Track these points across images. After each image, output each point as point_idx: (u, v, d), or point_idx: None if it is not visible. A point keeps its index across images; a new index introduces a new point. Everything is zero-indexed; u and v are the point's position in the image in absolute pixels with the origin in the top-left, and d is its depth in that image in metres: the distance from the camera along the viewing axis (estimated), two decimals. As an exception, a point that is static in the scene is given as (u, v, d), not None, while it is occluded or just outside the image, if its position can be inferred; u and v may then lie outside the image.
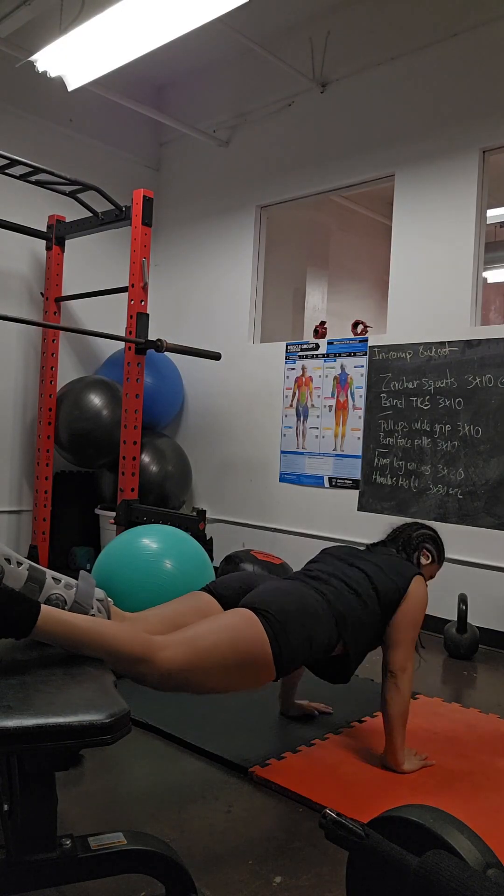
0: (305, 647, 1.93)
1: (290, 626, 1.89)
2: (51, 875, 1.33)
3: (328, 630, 2.01)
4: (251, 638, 1.83)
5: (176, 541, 3.19)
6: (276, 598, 1.95)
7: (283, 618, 1.89)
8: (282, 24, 4.54)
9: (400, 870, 1.22)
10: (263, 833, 1.83)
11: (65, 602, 1.65)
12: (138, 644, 1.64)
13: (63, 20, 3.71)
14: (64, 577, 1.69)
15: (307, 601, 2.01)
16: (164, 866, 1.40)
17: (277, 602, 1.94)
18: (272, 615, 1.88)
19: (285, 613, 1.91)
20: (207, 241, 5.14)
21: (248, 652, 1.82)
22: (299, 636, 1.90)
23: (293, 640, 1.88)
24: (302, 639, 1.91)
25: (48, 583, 1.64)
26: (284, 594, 2.00)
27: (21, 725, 1.20)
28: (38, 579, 1.63)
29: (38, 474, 4.54)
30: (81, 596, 1.69)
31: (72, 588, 1.68)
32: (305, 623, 1.94)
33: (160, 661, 1.67)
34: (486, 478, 3.67)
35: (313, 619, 1.97)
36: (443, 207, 3.92)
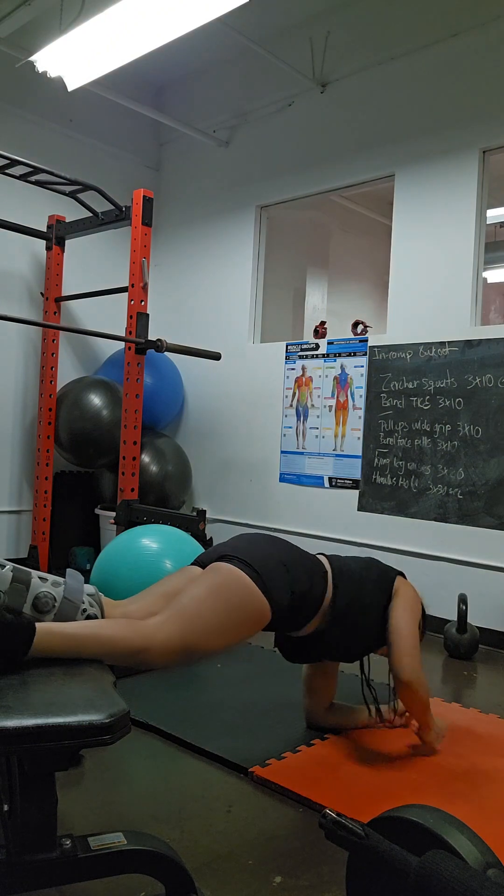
0: (285, 573, 2.00)
1: (261, 557, 1.97)
2: (51, 875, 1.33)
3: (311, 567, 2.12)
4: (232, 584, 1.89)
5: (176, 541, 3.20)
6: (240, 542, 2.06)
7: (251, 552, 1.98)
8: (282, 24, 4.54)
9: (400, 870, 1.22)
10: (263, 833, 1.83)
11: (54, 599, 1.64)
12: (134, 635, 1.65)
13: (63, 20, 3.71)
14: (50, 576, 1.68)
15: (275, 541, 2.13)
16: (164, 866, 1.40)
17: (242, 544, 2.04)
18: (239, 555, 1.96)
19: (253, 548, 2.01)
20: (207, 241, 5.14)
21: (236, 598, 1.87)
22: (274, 562, 1.98)
23: (268, 567, 1.96)
24: (277, 563, 1.99)
25: (34, 582, 1.63)
26: (249, 537, 2.11)
27: (21, 725, 1.20)
28: (23, 580, 1.61)
29: (38, 474, 4.54)
30: (70, 592, 1.68)
31: (59, 585, 1.67)
32: (277, 553, 2.04)
33: (159, 643, 1.69)
34: (486, 478, 3.67)
35: (285, 553, 2.08)
36: (443, 207, 3.91)
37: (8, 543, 4.65)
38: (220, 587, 1.87)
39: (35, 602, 1.61)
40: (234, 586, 1.88)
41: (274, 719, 2.52)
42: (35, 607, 1.61)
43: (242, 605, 1.87)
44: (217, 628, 1.81)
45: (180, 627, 1.75)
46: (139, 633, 1.67)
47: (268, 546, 2.07)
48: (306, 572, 2.09)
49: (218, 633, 1.82)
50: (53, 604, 1.63)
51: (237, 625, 1.86)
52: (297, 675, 3.01)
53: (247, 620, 1.89)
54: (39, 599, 1.61)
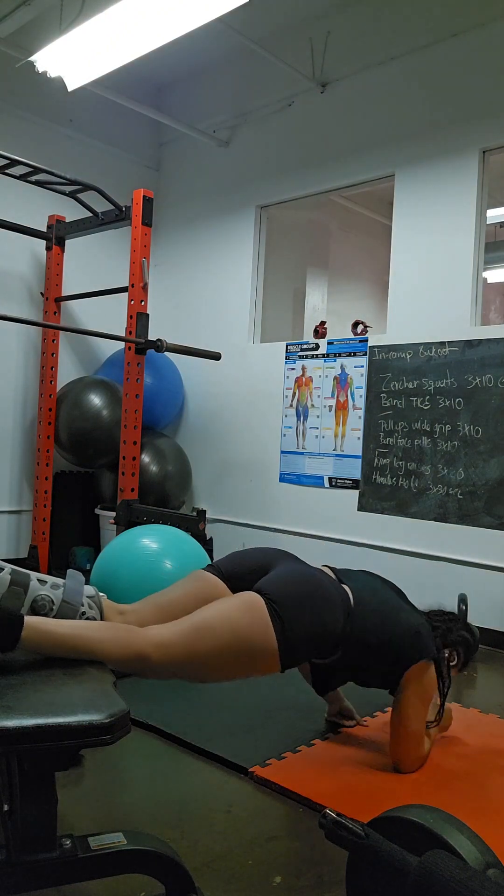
0: (312, 638, 1.84)
1: (298, 613, 1.79)
2: (51, 875, 1.33)
3: (342, 617, 1.93)
4: (253, 625, 1.75)
5: (176, 541, 3.20)
6: (285, 583, 1.86)
7: (290, 603, 1.79)
8: (282, 24, 4.54)
9: (400, 870, 1.22)
10: (263, 833, 1.82)
11: (53, 602, 1.62)
12: (128, 643, 1.61)
13: (63, 20, 3.71)
14: (50, 578, 1.66)
15: (323, 586, 1.92)
16: (164, 866, 1.40)
17: (286, 587, 1.83)
18: (279, 601, 1.78)
19: (293, 598, 1.80)
20: (207, 241, 5.14)
21: (248, 640, 1.74)
22: (307, 624, 1.81)
23: (299, 628, 1.79)
24: (310, 628, 1.82)
25: (33, 585, 1.62)
26: (296, 577, 1.90)
27: (21, 725, 1.20)
28: (21, 583, 1.60)
29: (38, 474, 4.54)
30: (69, 594, 1.66)
31: (59, 588, 1.66)
32: (317, 609, 1.84)
33: (155, 656, 1.64)
34: (486, 478, 3.66)
35: (325, 606, 1.88)
36: (443, 207, 3.91)
37: (8, 543, 4.65)
38: (242, 631, 1.74)
39: (33, 605, 1.60)
40: (256, 639, 1.75)
41: (274, 719, 2.52)
42: (33, 610, 1.60)
43: (254, 656, 1.77)
44: (218, 660, 1.73)
45: (181, 645, 1.68)
46: (135, 642, 1.63)
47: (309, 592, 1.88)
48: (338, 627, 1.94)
49: (217, 662, 1.74)
50: (51, 607, 1.62)
51: (239, 669, 1.78)
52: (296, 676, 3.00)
53: (250, 670, 1.80)
54: (37, 602, 1.61)
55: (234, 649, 1.73)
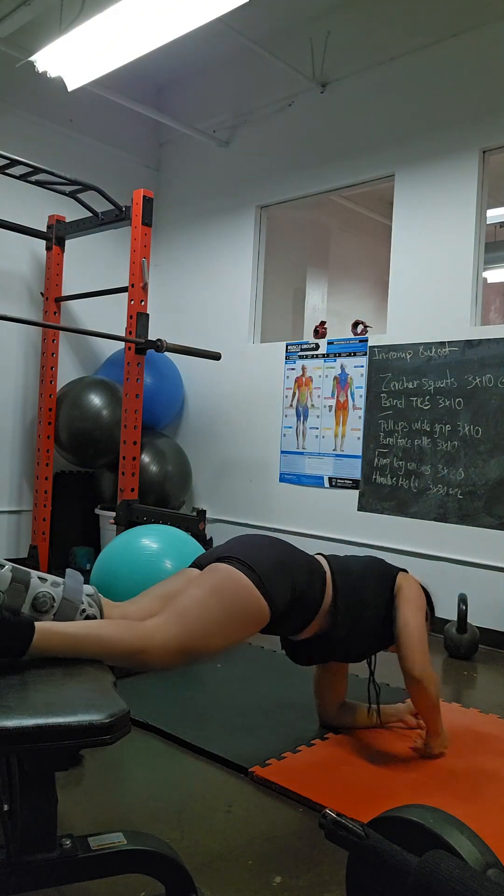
0: (284, 574, 1.99)
1: (260, 558, 1.97)
2: (51, 875, 1.33)
3: (308, 568, 2.10)
4: (230, 585, 1.88)
5: (176, 541, 3.20)
6: (239, 543, 2.05)
7: (250, 553, 1.97)
8: (282, 24, 4.54)
9: (400, 870, 1.22)
10: (263, 833, 1.82)
11: (53, 599, 1.64)
12: (132, 636, 1.65)
13: (63, 20, 3.71)
14: (50, 577, 1.68)
15: (278, 541, 2.13)
16: (164, 866, 1.40)
17: (241, 545, 2.03)
18: (239, 556, 1.95)
19: (251, 549, 2.00)
20: (207, 242, 5.14)
21: (235, 599, 1.87)
22: (272, 563, 1.98)
23: (267, 568, 1.95)
24: (276, 564, 1.99)
25: (33, 582, 1.63)
26: (248, 539, 2.09)
27: (21, 725, 1.20)
28: (22, 580, 1.62)
29: (38, 474, 4.54)
30: (69, 592, 1.68)
31: (59, 585, 1.67)
32: (276, 554, 2.03)
33: (157, 645, 1.69)
34: (486, 478, 3.66)
35: (284, 550, 2.08)
36: (443, 207, 3.91)
37: (8, 543, 4.65)
38: (219, 588, 1.87)
39: (34, 602, 1.61)
40: (232, 587, 1.88)
41: (274, 719, 2.52)
42: (34, 607, 1.61)
43: (241, 605, 1.87)
44: (215, 629, 1.81)
45: (178, 628, 1.75)
46: (137, 634, 1.67)
47: (266, 547, 2.06)
48: (306, 573, 2.08)
49: (216, 633, 1.81)
50: (52, 604, 1.63)
51: (235, 625, 1.86)
52: (296, 676, 3.01)
53: (245, 621, 1.89)
54: (38, 599, 1.62)
55: (222, 608, 1.84)
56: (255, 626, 1.92)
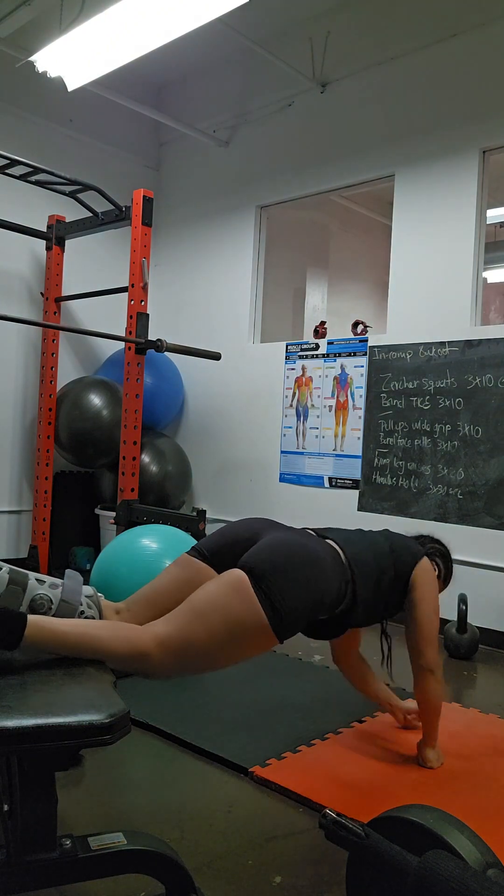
0: (306, 605, 1.79)
1: (286, 583, 1.74)
2: (51, 875, 1.33)
3: (334, 579, 1.89)
4: (241, 606, 1.69)
5: (176, 541, 3.19)
6: (269, 554, 1.80)
7: (276, 575, 1.73)
8: (282, 24, 4.54)
9: (400, 870, 1.22)
10: (263, 833, 1.82)
11: (51, 601, 1.63)
12: (130, 644, 1.60)
13: (63, 20, 3.71)
14: (49, 578, 1.67)
15: (309, 549, 1.87)
16: (164, 866, 1.40)
17: (271, 557, 1.78)
18: (264, 574, 1.72)
19: (280, 568, 1.75)
20: (207, 241, 5.14)
21: (239, 620, 1.69)
22: (298, 593, 1.76)
23: (290, 599, 1.73)
24: (301, 595, 1.76)
25: (31, 584, 1.62)
26: (280, 546, 1.83)
27: (21, 726, 1.19)
28: (20, 582, 1.61)
29: (38, 474, 4.54)
30: (68, 594, 1.67)
31: (57, 587, 1.66)
32: (306, 576, 1.79)
33: (155, 655, 1.63)
34: (486, 478, 3.66)
35: (315, 570, 1.83)
36: (443, 207, 3.91)
37: (8, 543, 4.65)
38: (232, 614, 1.69)
39: (31, 604, 1.61)
40: (246, 619, 1.68)
41: (274, 719, 2.52)
42: (31, 609, 1.60)
43: (249, 635, 1.71)
44: (218, 647, 1.69)
45: (178, 641, 1.65)
46: (136, 642, 1.61)
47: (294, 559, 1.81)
48: (336, 584, 1.90)
49: (218, 651, 1.70)
50: (50, 606, 1.63)
51: (239, 652, 1.73)
52: (297, 676, 3.01)
53: (250, 649, 1.75)
54: (35, 601, 1.61)
55: (228, 633, 1.69)
56: (257, 651, 1.78)
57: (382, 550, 2.14)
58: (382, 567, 2.10)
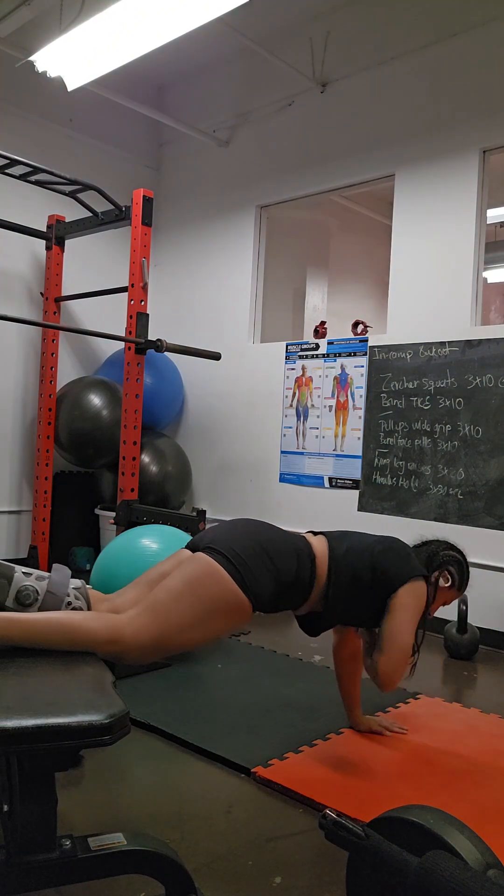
0: (266, 564, 1.90)
1: (242, 547, 1.88)
2: (51, 875, 1.33)
3: (296, 552, 2.00)
4: (206, 579, 1.80)
5: (176, 541, 3.19)
6: (224, 531, 1.96)
7: (232, 542, 1.88)
8: (282, 24, 4.54)
9: (400, 870, 1.22)
10: (263, 833, 1.82)
11: (37, 593, 1.66)
12: (100, 626, 1.63)
13: (63, 20, 3.71)
14: (35, 571, 1.71)
15: (261, 528, 2.02)
16: (164, 866, 1.40)
17: (225, 533, 1.94)
18: (219, 547, 1.86)
19: (235, 537, 1.91)
20: (207, 241, 5.14)
21: (210, 593, 1.79)
22: (257, 559, 1.88)
23: (251, 563, 1.86)
24: (258, 554, 1.89)
25: (17, 577, 1.65)
26: (233, 525, 2.01)
27: (20, 726, 1.19)
28: (5, 574, 1.63)
29: (37, 474, 4.54)
30: (54, 585, 1.69)
31: (44, 580, 1.69)
32: (259, 542, 1.93)
33: (128, 637, 1.67)
34: (487, 478, 3.66)
35: (271, 542, 1.96)
36: (443, 207, 3.91)
37: (8, 543, 4.65)
38: (195, 581, 1.80)
39: (17, 596, 1.63)
40: (208, 581, 1.81)
41: (275, 719, 2.52)
42: (18, 601, 1.63)
43: (217, 599, 1.80)
44: (189, 622, 1.77)
45: (151, 620, 1.72)
46: (107, 624, 1.65)
47: (251, 534, 1.97)
48: (293, 559, 1.99)
49: (191, 626, 1.77)
50: (36, 597, 1.65)
51: (212, 619, 1.81)
52: (297, 676, 3.01)
53: (222, 615, 1.82)
54: (21, 593, 1.63)
55: (199, 604, 1.78)
56: (237, 618, 1.86)
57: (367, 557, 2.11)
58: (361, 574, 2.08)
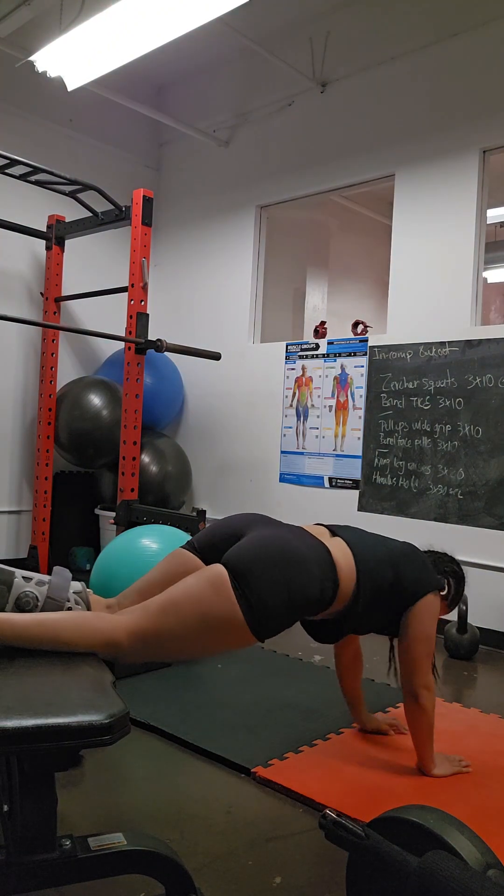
0: (284, 604, 1.75)
1: (265, 582, 1.72)
2: (51, 875, 1.33)
3: (316, 579, 1.83)
4: (216, 601, 1.69)
5: (176, 541, 3.19)
6: (252, 551, 1.78)
7: (255, 573, 1.72)
8: (282, 24, 4.54)
9: (400, 870, 1.22)
10: (263, 833, 1.82)
11: (37, 599, 1.64)
12: (95, 630, 1.60)
13: (63, 20, 3.71)
14: (36, 575, 1.68)
15: (293, 547, 1.84)
16: (164, 866, 1.40)
17: (253, 555, 1.76)
18: (244, 571, 1.71)
19: (260, 566, 1.73)
20: (207, 241, 5.14)
21: (215, 616, 1.69)
22: (276, 591, 1.73)
23: (267, 597, 1.71)
24: (280, 594, 1.74)
25: (17, 582, 1.63)
26: (264, 543, 1.82)
27: (20, 726, 1.19)
28: (5, 580, 1.62)
29: (37, 474, 4.54)
30: (54, 591, 1.68)
31: (44, 584, 1.67)
32: (286, 576, 1.76)
33: (126, 640, 1.64)
34: (487, 478, 3.66)
35: (296, 569, 1.79)
36: (443, 207, 3.91)
37: (8, 543, 4.64)
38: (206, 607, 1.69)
39: (17, 602, 1.62)
40: (222, 614, 1.69)
41: (275, 719, 2.52)
42: (17, 607, 1.62)
43: (223, 631, 1.71)
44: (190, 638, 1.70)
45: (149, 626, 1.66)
46: (106, 629, 1.62)
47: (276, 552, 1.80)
48: (316, 586, 1.85)
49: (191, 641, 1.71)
50: (36, 603, 1.64)
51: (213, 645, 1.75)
52: (297, 676, 3.01)
53: (224, 644, 1.76)
54: (21, 599, 1.62)
55: (202, 626, 1.69)
56: (236, 647, 1.78)
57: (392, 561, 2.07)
58: (386, 577, 2.03)
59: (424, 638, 2.09)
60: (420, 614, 2.09)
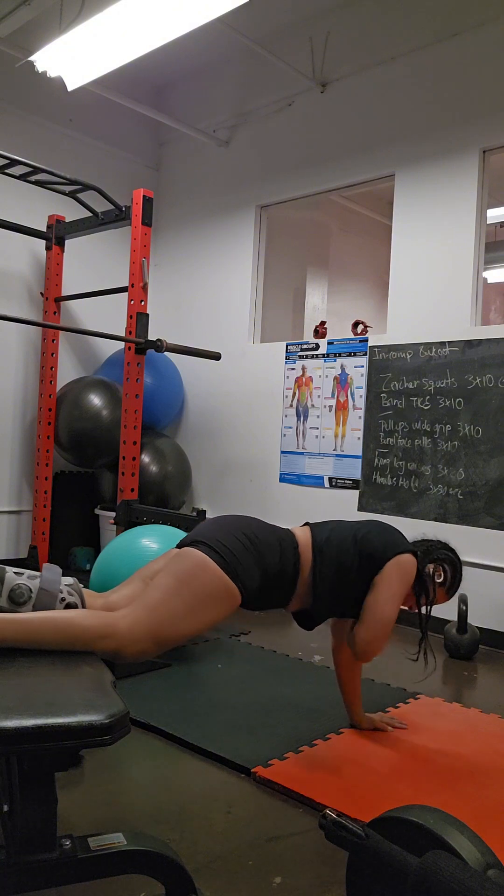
0: (252, 555, 1.98)
1: (228, 540, 1.96)
2: (51, 875, 1.33)
3: (279, 541, 2.08)
4: (198, 570, 1.87)
5: (176, 541, 3.19)
6: (210, 526, 2.04)
7: (218, 536, 1.96)
8: (282, 24, 4.54)
9: (400, 870, 1.22)
10: (264, 833, 1.82)
11: (30, 591, 1.67)
12: (97, 625, 1.65)
13: (63, 20, 3.71)
14: (27, 571, 1.73)
15: (245, 521, 2.09)
16: (164, 866, 1.40)
17: (211, 528, 2.02)
18: (205, 540, 1.94)
19: (220, 531, 1.98)
20: (207, 241, 5.14)
21: (202, 583, 1.86)
22: (243, 549, 1.96)
23: (238, 553, 1.94)
24: (243, 545, 1.98)
25: (9, 577, 1.67)
26: (218, 521, 2.08)
27: (20, 726, 1.19)
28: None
29: (37, 474, 4.54)
30: (46, 583, 1.71)
31: (36, 578, 1.70)
32: (244, 535, 2.01)
33: (124, 632, 1.69)
34: (487, 478, 3.66)
35: (255, 534, 2.04)
36: (443, 207, 3.91)
37: (8, 543, 4.65)
38: (185, 573, 1.86)
39: (10, 595, 1.65)
40: (198, 572, 1.87)
41: (275, 719, 2.52)
42: (11, 600, 1.65)
43: (208, 588, 1.87)
44: (183, 613, 1.81)
45: (146, 614, 1.76)
46: (102, 621, 1.67)
47: (236, 527, 2.05)
48: (276, 551, 2.06)
49: (184, 617, 1.81)
50: (30, 595, 1.66)
51: (204, 608, 1.86)
52: (297, 676, 3.01)
53: (214, 603, 1.88)
54: (14, 592, 1.65)
55: (191, 595, 1.83)
56: (227, 607, 1.92)
57: (351, 541, 2.18)
58: (346, 559, 2.15)
59: (388, 597, 2.11)
60: (387, 574, 2.13)
